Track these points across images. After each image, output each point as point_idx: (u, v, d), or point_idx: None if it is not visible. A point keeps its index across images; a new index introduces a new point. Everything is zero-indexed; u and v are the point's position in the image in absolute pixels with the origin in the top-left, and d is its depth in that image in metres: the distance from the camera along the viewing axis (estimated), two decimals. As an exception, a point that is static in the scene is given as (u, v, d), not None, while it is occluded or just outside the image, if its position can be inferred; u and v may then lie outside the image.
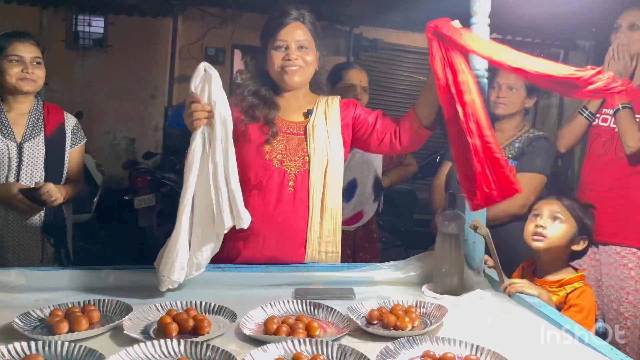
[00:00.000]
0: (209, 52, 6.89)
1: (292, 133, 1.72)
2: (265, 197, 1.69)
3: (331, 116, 1.76)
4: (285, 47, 1.69)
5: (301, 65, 1.69)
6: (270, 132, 1.68)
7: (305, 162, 1.70)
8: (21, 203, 1.93)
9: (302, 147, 1.71)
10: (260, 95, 1.72)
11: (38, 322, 1.23)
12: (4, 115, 2.00)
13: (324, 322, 1.31)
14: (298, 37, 1.69)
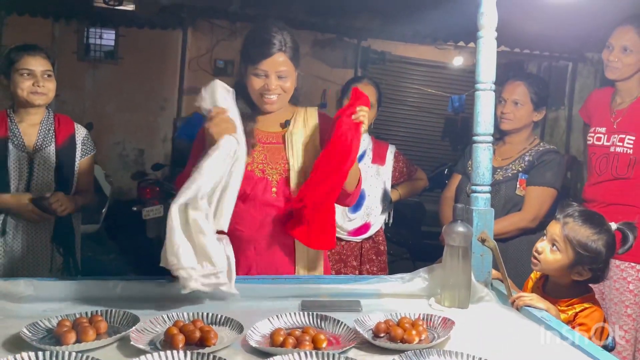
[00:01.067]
0: (218, 64, 6.95)
1: (271, 142, 1.78)
2: (251, 205, 1.73)
3: (309, 126, 1.81)
4: (265, 76, 1.70)
5: (280, 94, 1.73)
6: (249, 144, 1.70)
7: (286, 170, 1.76)
8: (31, 212, 1.95)
9: (282, 155, 1.77)
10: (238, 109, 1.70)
11: (46, 332, 1.23)
12: (15, 126, 2.03)
13: (330, 335, 1.30)
14: (279, 68, 1.70)
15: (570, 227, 1.58)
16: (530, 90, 2.24)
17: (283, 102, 1.78)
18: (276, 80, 1.71)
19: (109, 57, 6.82)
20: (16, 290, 1.46)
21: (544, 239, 1.66)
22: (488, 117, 1.64)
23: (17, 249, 1.99)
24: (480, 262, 1.65)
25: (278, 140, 1.79)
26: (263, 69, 1.69)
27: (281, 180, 1.75)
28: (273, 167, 1.75)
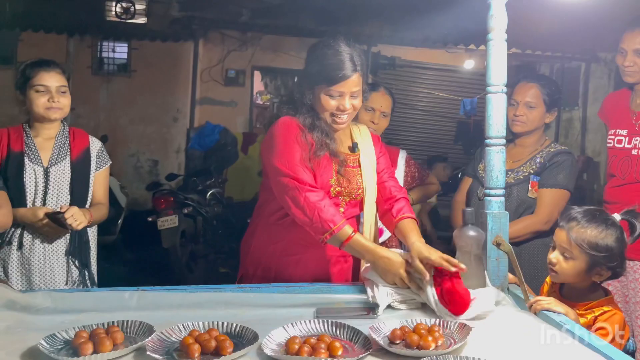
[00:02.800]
0: (230, 74, 7.02)
1: (349, 166, 1.79)
2: None
3: (368, 148, 1.83)
4: (339, 97, 1.69)
5: (351, 113, 1.73)
6: (338, 162, 1.73)
7: (358, 195, 1.77)
8: (47, 226, 1.96)
9: (357, 180, 1.78)
10: (321, 128, 1.72)
11: (63, 343, 1.24)
12: (31, 140, 2.06)
13: (345, 342, 1.29)
14: (354, 88, 1.69)
15: (576, 231, 1.55)
16: (543, 92, 2.21)
17: (350, 120, 1.78)
18: (350, 99, 1.69)
19: (122, 70, 6.92)
20: (34, 302, 1.48)
21: (551, 250, 1.63)
22: (500, 119, 1.63)
23: (33, 262, 2.00)
24: (496, 266, 1.63)
25: (355, 164, 1.79)
26: (339, 90, 1.67)
27: (350, 203, 1.78)
28: (347, 191, 1.76)
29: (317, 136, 1.70)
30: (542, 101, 2.21)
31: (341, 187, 1.74)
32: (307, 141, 1.69)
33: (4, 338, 1.29)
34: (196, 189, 4.89)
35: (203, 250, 4.67)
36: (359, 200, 1.79)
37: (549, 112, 2.24)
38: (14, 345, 1.23)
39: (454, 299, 1.45)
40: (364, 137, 1.84)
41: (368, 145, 1.83)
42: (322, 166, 1.72)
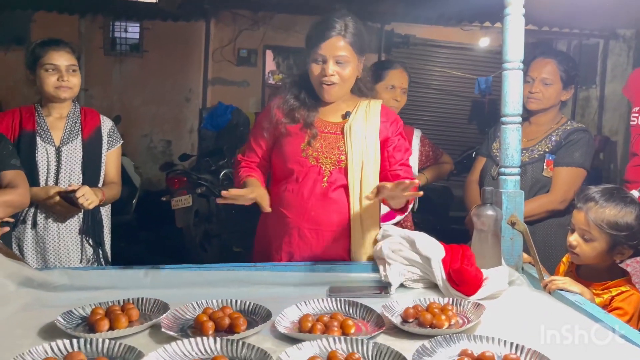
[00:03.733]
0: (241, 53, 6.98)
1: (330, 132, 1.77)
2: (300, 191, 1.75)
3: (371, 120, 1.78)
4: (323, 61, 1.70)
5: (337, 82, 1.71)
6: (309, 134, 1.74)
7: (341, 161, 1.75)
8: (59, 205, 1.98)
9: (339, 146, 1.75)
10: (300, 99, 1.77)
11: (80, 320, 1.26)
12: (43, 120, 2.06)
13: (358, 321, 1.30)
14: (337, 52, 1.69)
15: (594, 212, 1.53)
16: (560, 68, 2.16)
17: (342, 91, 1.76)
18: (334, 65, 1.69)
19: (134, 50, 6.91)
20: (51, 280, 1.51)
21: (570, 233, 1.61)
22: (516, 97, 1.60)
23: (48, 240, 2.03)
24: (511, 245, 1.62)
25: (337, 130, 1.77)
26: (321, 53, 1.69)
27: (335, 171, 1.75)
28: (327, 157, 1.75)
29: (292, 106, 1.76)
30: (558, 78, 2.16)
31: (317, 152, 1.73)
32: (272, 117, 1.78)
33: (21, 315, 1.31)
34: (209, 169, 4.90)
35: (216, 230, 4.70)
36: (344, 168, 1.75)
37: (565, 89, 2.19)
38: (31, 322, 1.25)
39: (464, 279, 1.45)
40: (370, 111, 1.79)
41: (372, 118, 1.78)
42: (294, 133, 1.76)
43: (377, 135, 1.78)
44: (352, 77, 1.74)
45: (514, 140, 1.62)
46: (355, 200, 1.75)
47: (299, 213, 1.75)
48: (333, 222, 1.76)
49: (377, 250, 1.64)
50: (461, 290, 1.44)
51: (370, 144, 1.76)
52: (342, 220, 1.76)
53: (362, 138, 1.75)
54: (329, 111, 1.80)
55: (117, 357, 1.07)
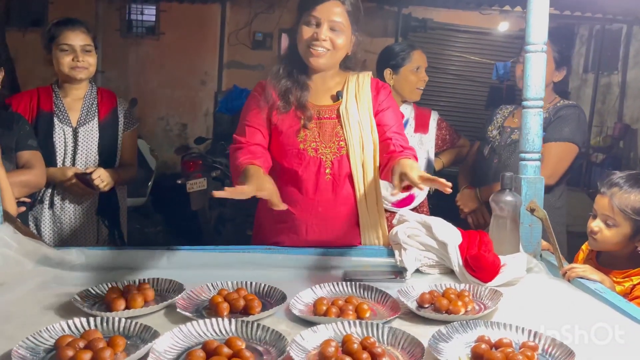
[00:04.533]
0: (257, 37, 6.94)
1: (324, 118, 1.67)
2: (303, 186, 1.66)
3: (362, 96, 1.69)
4: (316, 24, 1.59)
5: (329, 49, 1.60)
6: (304, 117, 1.64)
7: (341, 148, 1.66)
8: (75, 186, 2.00)
9: (337, 132, 1.66)
10: (293, 77, 1.66)
11: (96, 299, 1.27)
12: (60, 100, 2.07)
13: (373, 305, 1.29)
14: (333, 17, 1.58)
15: (619, 197, 1.51)
16: (554, 48, 2.10)
17: (331, 61, 1.64)
18: (328, 31, 1.58)
19: (150, 32, 6.91)
20: (69, 259, 1.52)
21: (591, 219, 1.58)
22: (539, 80, 1.56)
23: (64, 220, 2.05)
24: (529, 232, 1.59)
25: (332, 115, 1.67)
26: (315, 15, 1.57)
27: (336, 161, 1.66)
28: (327, 146, 1.65)
29: (285, 87, 1.63)
30: (551, 58, 2.09)
31: (315, 141, 1.65)
32: (268, 98, 1.65)
33: (39, 292, 1.32)
34: (224, 152, 4.90)
35: (231, 214, 4.72)
36: (345, 155, 1.66)
37: (558, 70, 2.17)
38: (48, 300, 1.27)
39: (481, 265, 1.42)
40: (360, 87, 1.70)
41: (363, 95, 1.68)
42: (289, 120, 1.65)
43: (371, 111, 1.68)
44: (343, 48, 1.63)
45: (535, 125, 1.58)
46: (360, 186, 1.68)
47: (306, 210, 1.67)
48: (341, 213, 1.69)
49: (393, 235, 1.62)
50: (478, 277, 1.43)
51: (366, 124, 1.67)
52: (350, 209, 1.70)
53: (357, 120, 1.66)
54: (319, 91, 1.68)
55: (133, 336, 1.08)
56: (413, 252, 1.56)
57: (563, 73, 2.19)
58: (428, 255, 1.56)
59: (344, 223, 1.71)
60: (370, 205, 1.71)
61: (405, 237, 1.57)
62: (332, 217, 1.69)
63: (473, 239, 1.51)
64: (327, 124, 1.67)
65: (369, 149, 1.68)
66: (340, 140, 1.67)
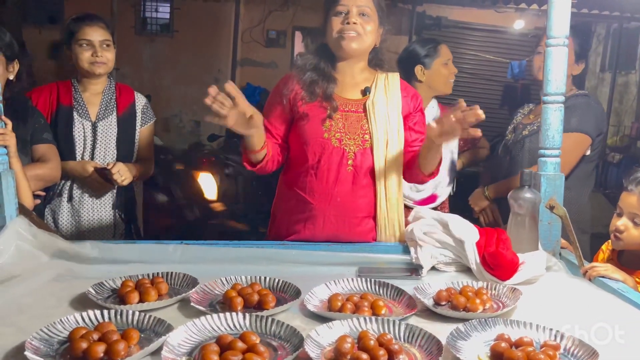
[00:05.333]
0: (270, 34, 6.93)
1: (351, 111, 1.69)
2: (323, 176, 1.67)
3: (391, 94, 1.72)
4: (345, 13, 1.64)
5: (360, 32, 1.64)
6: (330, 107, 1.66)
7: (365, 141, 1.67)
8: (95, 181, 2.01)
9: (362, 125, 1.68)
10: (319, 69, 1.69)
11: (110, 292, 1.27)
12: (80, 95, 2.08)
13: (389, 301, 1.27)
14: (360, 3, 1.64)
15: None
16: (575, 41, 2.05)
17: (362, 46, 1.67)
18: (357, 16, 1.63)
19: (164, 30, 6.94)
20: (83, 252, 1.52)
21: (616, 217, 1.54)
22: (560, 75, 1.53)
23: (82, 214, 2.06)
24: (548, 230, 1.56)
25: (358, 108, 1.70)
26: (344, 3, 1.63)
27: (359, 153, 1.67)
28: (351, 138, 1.67)
29: (310, 79, 1.67)
30: (572, 50, 2.02)
31: (340, 132, 1.66)
32: (291, 90, 1.69)
33: (54, 285, 1.32)
34: (237, 149, 4.91)
35: (243, 210, 4.72)
36: (369, 149, 1.68)
37: (577, 63, 2.11)
38: (63, 292, 1.27)
39: (500, 263, 1.40)
40: (390, 85, 1.73)
41: (393, 93, 1.72)
42: (314, 109, 1.67)
43: (400, 110, 1.71)
44: (372, 36, 1.67)
45: (555, 121, 1.55)
46: (381, 181, 1.69)
47: (324, 199, 1.67)
48: (360, 206, 1.70)
49: (409, 231, 1.60)
50: (496, 275, 1.40)
51: (394, 121, 1.69)
52: (369, 203, 1.71)
53: (385, 116, 1.68)
54: (347, 85, 1.71)
55: (147, 329, 1.07)
56: (429, 250, 1.53)
57: (582, 66, 2.13)
58: (444, 252, 1.54)
59: (362, 217, 1.71)
60: (390, 201, 1.71)
61: (421, 234, 1.55)
62: (351, 209, 1.69)
63: (490, 236, 1.48)
64: (353, 116, 1.69)
65: (394, 146, 1.69)
66: (365, 133, 1.68)
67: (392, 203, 1.71)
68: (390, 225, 1.72)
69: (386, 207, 1.70)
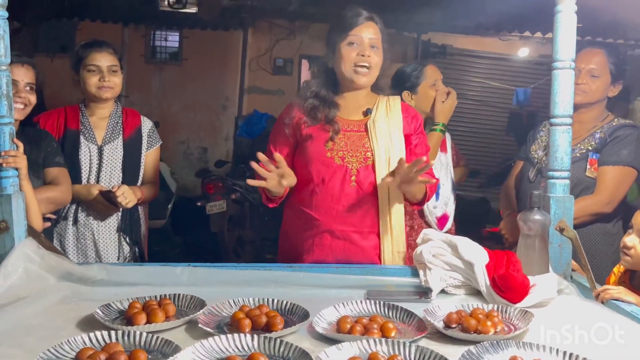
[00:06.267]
0: (277, 62, 7.03)
1: (353, 130, 1.76)
2: (328, 193, 1.72)
3: (393, 115, 1.78)
4: (358, 44, 1.70)
5: (371, 66, 1.72)
6: (332, 130, 1.73)
7: (367, 158, 1.73)
8: (100, 204, 2.01)
9: (364, 143, 1.74)
10: (321, 96, 1.76)
11: (118, 313, 1.26)
12: (86, 119, 2.11)
13: (399, 324, 1.25)
14: (371, 35, 1.71)
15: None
16: (610, 60, 2.01)
17: (371, 78, 1.76)
18: (369, 48, 1.70)
19: (173, 58, 7.06)
20: (90, 275, 1.52)
21: (630, 232, 1.52)
22: (567, 97, 1.53)
23: (87, 237, 2.06)
24: (559, 252, 1.55)
25: (360, 128, 1.76)
26: (356, 34, 1.70)
27: (362, 170, 1.73)
28: (354, 155, 1.73)
29: (311, 105, 1.74)
30: (607, 70, 2.01)
31: (343, 151, 1.72)
32: (293, 117, 1.76)
33: (60, 307, 1.32)
34: (244, 175, 4.92)
35: (250, 236, 4.71)
36: (371, 166, 1.73)
37: (613, 85, 2.04)
38: (69, 314, 1.26)
39: (510, 285, 1.38)
40: (391, 107, 1.80)
41: (394, 114, 1.79)
42: (317, 131, 1.74)
43: (401, 130, 1.78)
44: (379, 66, 1.76)
45: (563, 142, 1.55)
46: (383, 197, 1.74)
47: (330, 215, 1.72)
48: (364, 222, 1.74)
49: (417, 254, 1.59)
50: (507, 297, 1.38)
51: (395, 140, 1.75)
52: (372, 218, 1.75)
53: (386, 134, 1.75)
54: (349, 108, 1.79)
55: (154, 350, 1.06)
56: (438, 272, 1.52)
57: (619, 88, 2.05)
58: (453, 275, 1.52)
59: (367, 232, 1.75)
60: (392, 216, 1.75)
61: (430, 257, 1.54)
62: (356, 223, 1.73)
63: (500, 258, 1.46)
64: (355, 135, 1.75)
65: (396, 163, 1.69)
66: (367, 151, 1.74)
67: (394, 218, 1.76)
68: (395, 241, 1.76)
69: (389, 222, 1.75)
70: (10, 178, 1.50)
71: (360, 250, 1.74)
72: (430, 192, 1.80)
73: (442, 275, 1.52)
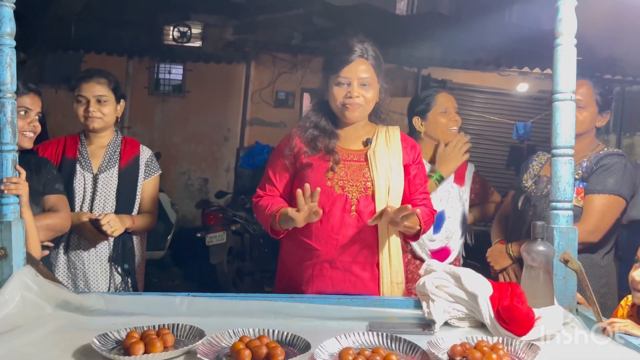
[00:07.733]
0: (279, 95, 7.12)
1: (353, 160, 1.76)
2: (329, 222, 1.71)
3: (392, 145, 1.79)
4: (347, 84, 1.71)
5: (361, 103, 1.73)
6: (332, 160, 1.73)
7: (367, 188, 1.73)
8: (89, 232, 2.00)
9: (364, 173, 1.74)
10: (320, 126, 1.77)
11: (115, 343, 1.23)
12: (85, 148, 2.12)
13: (402, 356, 1.22)
14: (360, 75, 1.71)
15: None
16: (595, 91, 2.02)
17: (364, 113, 1.77)
18: (358, 88, 1.71)
19: (176, 90, 7.15)
20: (87, 304, 1.49)
21: (637, 266, 1.50)
22: (568, 128, 1.54)
23: (78, 266, 2.04)
24: (564, 285, 1.52)
25: (360, 158, 1.77)
26: (345, 76, 1.70)
27: (362, 199, 1.72)
28: (354, 185, 1.73)
29: (312, 136, 1.75)
30: (593, 100, 2.02)
31: (343, 180, 1.72)
32: (293, 147, 1.75)
33: (57, 336, 1.29)
34: (244, 206, 4.93)
35: (249, 268, 4.67)
36: (371, 195, 1.73)
37: (601, 114, 2.05)
38: (66, 343, 1.24)
39: (515, 317, 1.36)
40: (391, 137, 1.81)
41: (393, 144, 1.80)
42: (317, 161, 1.74)
43: (401, 159, 1.78)
44: (374, 99, 1.76)
45: (566, 174, 1.55)
46: (383, 228, 1.73)
47: (330, 245, 1.71)
48: (364, 252, 1.73)
49: (420, 285, 1.57)
50: (512, 330, 1.35)
51: (395, 169, 1.76)
52: (372, 249, 1.74)
53: (386, 164, 1.75)
54: (349, 138, 1.80)
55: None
56: (441, 304, 1.49)
57: (607, 117, 2.06)
58: (457, 307, 1.50)
59: (366, 262, 1.74)
60: (391, 246, 1.75)
61: (434, 288, 1.52)
62: (356, 253, 1.72)
63: (504, 290, 1.44)
64: (355, 165, 1.75)
65: (395, 193, 1.75)
66: (367, 181, 1.74)
67: (393, 249, 1.75)
68: (394, 272, 1.75)
69: (388, 253, 1.74)
70: (11, 205, 1.50)
71: (360, 280, 1.73)
72: (426, 226, 1.79)
73: (445, 307, 1.49)
